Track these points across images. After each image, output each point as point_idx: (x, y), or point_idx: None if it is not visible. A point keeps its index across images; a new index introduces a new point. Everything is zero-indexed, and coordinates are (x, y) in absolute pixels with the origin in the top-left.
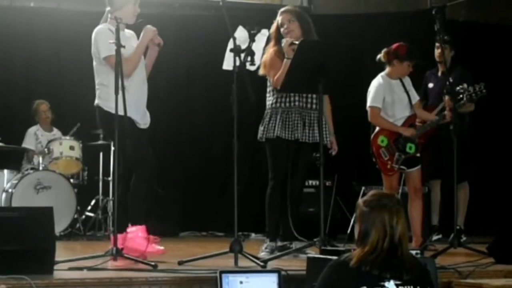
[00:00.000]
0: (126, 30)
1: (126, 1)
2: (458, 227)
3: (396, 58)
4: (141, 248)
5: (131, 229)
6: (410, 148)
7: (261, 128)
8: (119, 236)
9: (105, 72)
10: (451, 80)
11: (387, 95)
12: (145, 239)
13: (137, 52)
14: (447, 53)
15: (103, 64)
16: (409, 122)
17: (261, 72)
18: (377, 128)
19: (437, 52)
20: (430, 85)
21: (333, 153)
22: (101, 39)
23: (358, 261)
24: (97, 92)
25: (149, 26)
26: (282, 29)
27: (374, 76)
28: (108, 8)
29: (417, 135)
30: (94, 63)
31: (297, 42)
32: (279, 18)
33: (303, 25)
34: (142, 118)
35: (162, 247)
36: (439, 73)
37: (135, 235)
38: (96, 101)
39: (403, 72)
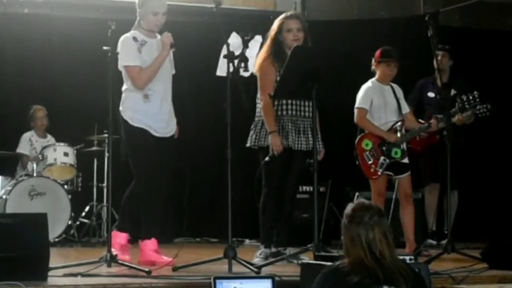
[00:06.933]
0: (158, 37)
1: (146, 12)
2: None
3: (375, 62)
4: (157, 260)
5: (143, 242)
6: (396, 153)
7: (252, 136)
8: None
9: (128, 81)
10: (454, 92)
11: (376, 98)
12: (156, 252)
13: (154, 65)
14: (445, 62)
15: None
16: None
17: (254, 71)
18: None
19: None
20: (431, 94)
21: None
22: (122, 47)
23: (350, 269)
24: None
25: (164, 36)
26: (287, 34)
27: (367, 81)
28: (138, 16)
29: (402, 141)
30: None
31: None
32: (287, 22)
33: (306, 34)
34: (165, 127)
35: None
36: (438, 82)
37: (147, 249)
38: (120, 107)
39: (386, 73)
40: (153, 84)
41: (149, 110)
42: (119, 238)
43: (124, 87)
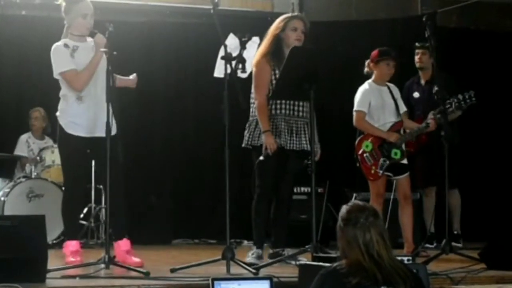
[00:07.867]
0: (89, 40)
1: (75, 16)
2: (455, 232)
3: (372, 62)
4: (125, 261)
5: (116, 243)
6: (396, 153)
7: (246, 135)
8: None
9: (63, 85)
10: (436, 88)
11: (374, 99)
12: (126, 252)
13: (90, 66)
14: (426, 59)
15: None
16: (395, 128)
17: (252, 65)
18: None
19: (416, 58)
20: (416, 94)
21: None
22: (54, 56)
23: (348, 271)
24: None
25: (97, 37)
26: (292, 33)
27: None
28: (66, 24)
29: (401, 141)
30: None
31: None
32: (293, 21)
33: (306, 38)
34: (101, 128)
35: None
36: (422, 81)
37: (119, 250)
38: (57, 113)
39: (384, 73)
40: (81, 91)
41: (84, 111)
42: (70, 246)
43: (60, 93)
